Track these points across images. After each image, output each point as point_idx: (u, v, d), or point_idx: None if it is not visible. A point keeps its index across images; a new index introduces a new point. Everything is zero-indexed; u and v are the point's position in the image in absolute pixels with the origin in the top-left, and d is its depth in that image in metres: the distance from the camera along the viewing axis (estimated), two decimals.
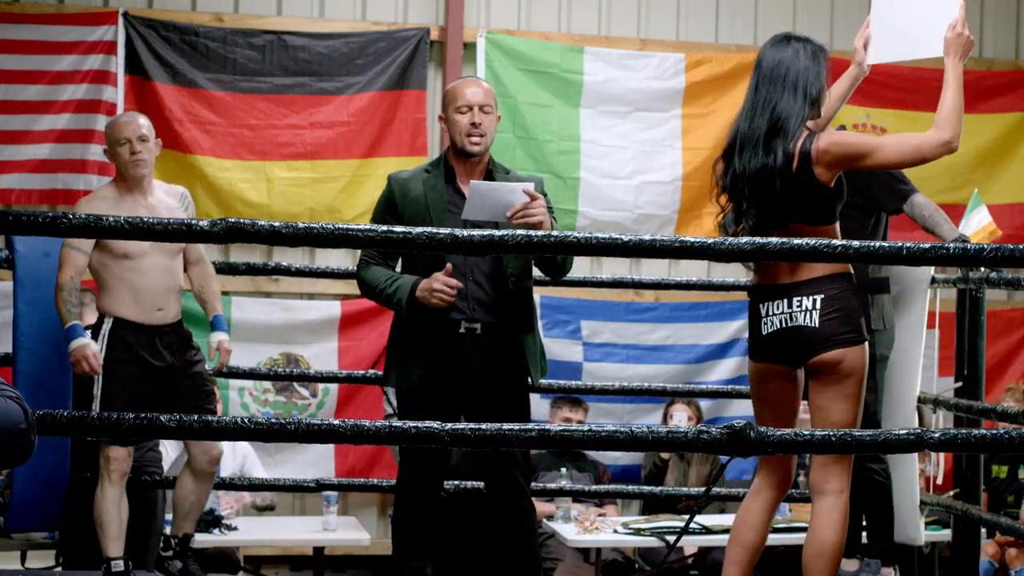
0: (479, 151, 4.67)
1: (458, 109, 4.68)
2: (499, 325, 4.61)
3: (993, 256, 3.65)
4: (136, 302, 5.14)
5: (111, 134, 5.26)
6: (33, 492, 5.43)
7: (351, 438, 3.53)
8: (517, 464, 4.66)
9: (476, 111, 4.66)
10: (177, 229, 3.72)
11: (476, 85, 4.78)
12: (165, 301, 5.18)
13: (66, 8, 7.83)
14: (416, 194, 4.66)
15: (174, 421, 3.51)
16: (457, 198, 4.65)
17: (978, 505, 5.63)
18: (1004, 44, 8.95)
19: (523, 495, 4.68)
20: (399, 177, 4.76)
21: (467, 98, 4.68)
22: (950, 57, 4.17)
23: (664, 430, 3.59)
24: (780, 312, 4.04)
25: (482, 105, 4.68)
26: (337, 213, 7.95)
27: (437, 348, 4.57)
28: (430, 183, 4.68)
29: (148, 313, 5.16)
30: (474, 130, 4.64)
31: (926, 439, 3.49)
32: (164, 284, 5.18)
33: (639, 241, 3.80)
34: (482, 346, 4.60)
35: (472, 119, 4.65)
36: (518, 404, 4.67)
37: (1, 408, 2.32)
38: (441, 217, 4.58)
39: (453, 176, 4.70)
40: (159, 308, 5.17)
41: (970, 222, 6.10)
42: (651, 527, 6.54)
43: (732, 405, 8.25)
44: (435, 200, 4.64)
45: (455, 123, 4.68)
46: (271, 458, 7.79)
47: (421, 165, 4.88)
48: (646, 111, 8.35)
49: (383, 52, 8.06)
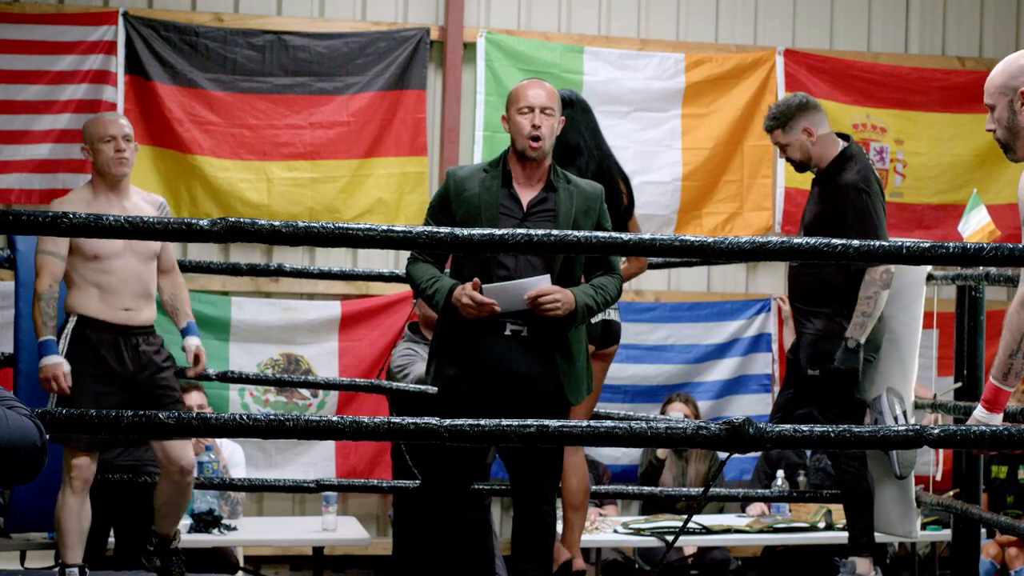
0: (537, 155, 4.61)
1: (519, 110, 4.63)
2: (546, 331, 4.55)
3: (993, 256, 3.65)
4: (102, 300, 5.09)
5: (93, 131, 5.21)
6: (33, 492, 5.43)
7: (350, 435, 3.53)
8: (546, 470, 4.63)
9: (537, 113, 4.61)
10: (177, 229, 3.72)
11: (539, 87, 4.71)
12: (133, 303, 5.12)
13: (66, 8, 7.84)
14: (471, 194, 4.61)
15: (172, 419, 3.51)
16: (511, 202, 4.61)
17: (978, 505, 5.63)
18: (1004, 44, 8.94)
19: (545, 500, 4.66)
20: (456, 174, 4.70)
21: (529, 99, 4.63)
22: None
23: (663, 426, 3.59)
24: None
25: (544, 107, 4.63)
26: (337, 213, 7.95)
27: (479, 349, 4.54)
28: (486, 184, 4.62)
29: (113, 311, 5.10)
30: (534, 131, 4.58)
31: (926, 435, 3.49)
32: (133, 287, 5.13)
33: (639, 241, 3.80)
34: (526, 350, 4.55)
35: (533, 120, 4.60)
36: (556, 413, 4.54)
37: (18, 425, 2.32)
38: (492, 220, 4.53)
39: (510, 179, 4.65)
40: (126, 308, 5.11)
41: (969, 222, 6.10)
42: (651, 527, 6.55)
43: (731, 405, 8.26)
44: (488, 202, 4.59)
45: (516, 124, 4.63)
46: (271, 458, 7.80)
47: (480, 163, 4.81)
48: (646, 111, 8.35)
49: (383, 52, 8.06)
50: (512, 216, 4.58)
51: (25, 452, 2.33)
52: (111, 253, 5.07)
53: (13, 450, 2.31)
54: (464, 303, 4.46)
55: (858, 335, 5.18)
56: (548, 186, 4.65)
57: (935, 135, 8.71)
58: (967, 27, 8.92)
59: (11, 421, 2.31)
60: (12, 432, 2.30)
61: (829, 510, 6.58)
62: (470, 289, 4.46)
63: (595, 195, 4.70)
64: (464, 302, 4.45)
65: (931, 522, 6.56)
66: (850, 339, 5.18)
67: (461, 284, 4.50)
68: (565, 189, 4.65)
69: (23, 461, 2.33)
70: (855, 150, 5.41)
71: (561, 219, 4.59)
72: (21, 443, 2.32)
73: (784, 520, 6.75)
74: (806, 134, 5.38)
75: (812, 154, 5.41)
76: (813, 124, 5.39)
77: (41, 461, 2.36)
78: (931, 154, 8.72)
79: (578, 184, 4.71)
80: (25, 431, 2.33)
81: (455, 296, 4.49)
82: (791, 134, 5.41)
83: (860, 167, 5.32)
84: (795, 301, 5.47)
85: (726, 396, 8.36)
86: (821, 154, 5.39)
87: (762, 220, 8.47)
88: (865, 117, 8.62)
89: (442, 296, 4.53)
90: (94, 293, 5.09)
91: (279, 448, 7.85)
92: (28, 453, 2.33)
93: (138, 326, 5.16)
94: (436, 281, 4.58)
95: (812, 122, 5.39)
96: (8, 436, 2.30)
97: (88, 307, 5.10)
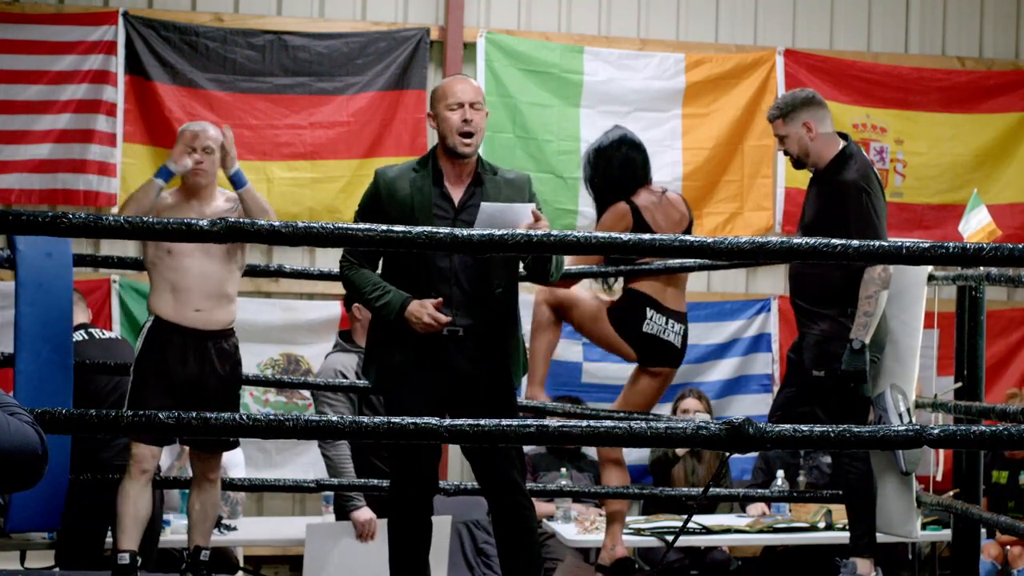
0: (470, 152, 4.62)
1: (448, 106, 4.62)
2: (482, 328, 4.59)
3: (993, 256, 3.64)
4: (175, 299, 5.16)
5: (181, 139, 5.30)
6: (33, 492, 5.40)
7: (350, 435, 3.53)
8: (511, 462, 4.63)
9: (467, 108, 4.60)
10: (177, 229, 3.71)
11: (465, 82, 4.73)
12: (204, 303, 5.17)
13: (66, 8, 7.84)
14: (403, 194, 4.60)
15: (172, 418, 3.50)
16: (443, 201, 4.61)
17: (978, 505, 5.62)
18: (1004, 44, 8.95)
19: (520, 492, 4.66)
20: (386, 175, 4.67)
21: (457, 95, 4.63)
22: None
23: (663, 426, 3.58)
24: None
25: (472, 102, 4.62)
26: (337, 213, 7.94)
27: (420, 344, 4.55)
28: (417, 184, 4.61)
29: (184, 313, 5.16)
30: (465, 126, 4.58)
31: (926, 435, 3.48)
32: (205, 286, 5.17)
33: (639, 241, 3.80)
34: (465, 348, 4.58)
35: (464, 115, 4.59)
36: (504, 403, 4.64)
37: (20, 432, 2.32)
38: (426, 220, 4.51)
39: (441, 178, 4.64)
40: (197, 308, 5.17)
41: (969, 222, 6.10)
42: (651, 527, 6.54)
43: (732, 405, 8.26)
44: (421, 202, 4.58)
45: (445, 120, 4.62)
46: (271, 458, 7.79)
47: (409, 162, 4.77)
48: (646, 111, 8.35)
49: (383, 52, 8.06)
50: (445, 215, 4.58)
51: (26, 459, 2.33)
52: (182, 249, 5.14)
53: (14, 457, 2.30)
54: (426, 322, 4.47)
55: (862, 335, 5.17)
56: (475, 180, 4.66)
57: (935, 135, 8.71)
58: (967, 27, 8.92)
59: (12, 428, 2.31)
60: (13, 439, 2.30)
61: (829, 510, 6.58)
62: (431, 308, 4.48)
63: (521, 183, 4.71)
64: (426, 321, 4.46)
65: (931, 522, 6.56)
66: (855, 340, 5.17)
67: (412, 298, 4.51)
68: (492, 181, 4.65)
69: (24, 468, 2.33)
70: (854, 149, 5.40)
71: None
72: (22, 450, 2.31)
73: (784, 520, 6.75)
74: (805, 128, 5.37)
75: (810, 150, 5.39)
76: (814, 120, 5.37)
77: (41, 468, 2.36)
78: (931, 154, 8.72)
79: (504, 174, 4.72)
80: (26, 438, 2.33)
81: (412, 311, 4.49)
82: (791, 126, 5.40)
83: (860, 166, 5.31)
84: (798, 300, 5.46)
85: (726, 396, 8.35)
86: (819, 152, 5.38)
87: (762, 220, 8.46)
88: (865, 117, 8.62)
89: (393, 310, 4.52)
90: (168, 294, 5.17)
91: (279, 448, 7.84)
92: (29, 460, 2.33)
93: (210, 330, 5.21)
94: (384, 292, 4.57)
95: (814, 118, 5.38)
96: (10, 443, 2.29)
97: (163, 308, 5.18)
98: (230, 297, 5.29)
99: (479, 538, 6.75)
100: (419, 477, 4.65)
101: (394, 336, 4.58)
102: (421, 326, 4.48)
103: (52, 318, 5.28)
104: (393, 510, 4.69)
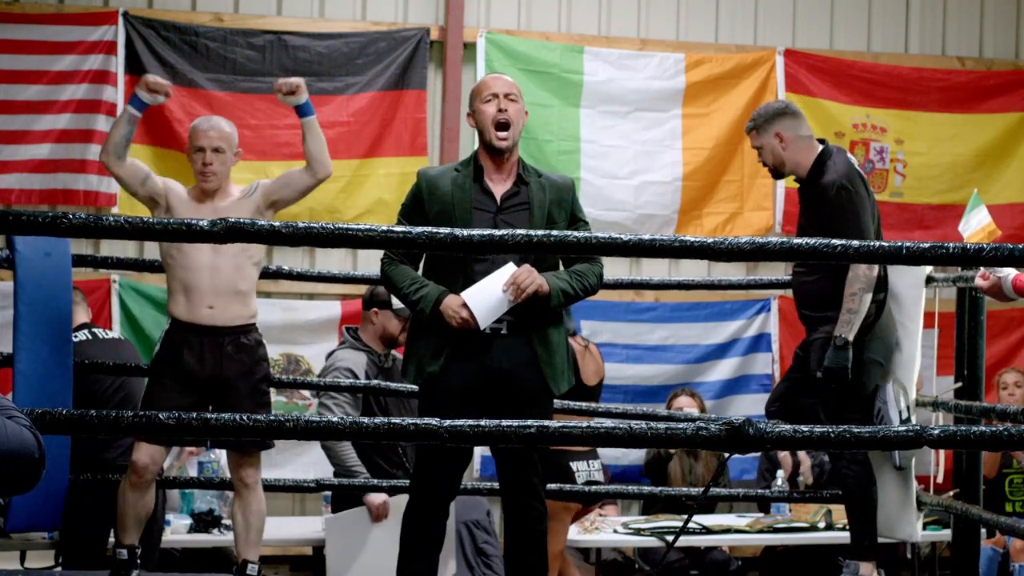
0: (507, 146, 4.62)
1: (483, 99, 4.67)
2: (522, 327, 4.56)
3: (993, 256, 3.65)
4: (187, 299, 5.13)
5: (189, 138, 5.34)
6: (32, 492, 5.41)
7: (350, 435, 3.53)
8: (533, 466, 4.63)
9: (502, 98, 4.65)
10: (177, 229, 3.71)
11: (500, 77, 4.82)
12: (215, 300, 5.12)
13: (66, 8, 7.84)
14: (443, 192, 4.61)
15: (172, 419, 3.51)
16: (484, 197, 4.62)
17: (978, 505, 5.63)
18: (1004, 44, 8.95)
19: (535, 496, 4.66)
20: (428, 174, 4.71)
21: (491, 87, 4.69)
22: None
23: (663, 427, 3.58)
24: None
25: (507, 93, 4.67)
26: (337, 213, 7.94)
27: (459, 344, 4.54)
28: (458, 181, 4.63)
29: (197, 311, 5.12)
30: (500, 115, 4.61)
31: (926, 436, 3.49)
32: (215, 283, 5.12)
33: (639, 241, 3.79)
34: (506, 347, 4.56)
35: (498, 105, 4.63)
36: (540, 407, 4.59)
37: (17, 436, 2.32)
38: (465, 216, 4.53)
39: (481, 174, 4.65)
40: (209, 306, 5.12)
41: (969, 222, 6.09)
42: (651, 527, 6.55)
43: (732, 405, 8.26)
44: (461, 199, 4.59)
45: (481, 113, 4.66)
46: (271, 458, 7.78)
47: (451, 164, 4.83)
48: (646, 111, 8.35)
49: (383, 52, 8.06)
50: (486, 210, 4.59)
51: (23, 462, 2.32)
52: (190, 247, 5.10)
53: (12, 460, 2.30)
54: (464, 316, 4.46)
55: (846, 332, 5.20)
56: (519, 180, 4.66)
57: (935, 135, 8.71)
58: (967, 27, 8.92)
59: (10, 431, 2.30)
60: (11, 442, 2.30)
61: (829, 510, 6.58)
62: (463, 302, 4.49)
63: (566, 187, 4.72)
64: (464, 315, 4.46)
65: (931, 522, 6.56)
66: (838, 337, 5.20)
67: (449, 292, 4.51)
68: (536, 182, 4.67)
69: (21, 471, 2.33)
70: (832, 150, 5.43)
71: (535, 211, 4.61)
72: (20, 453, 2.31)
73: (784, 520, 6.75)
74: (777, 139, 5.39)
75: (784, 159, 5.41)
76: (785, 129, 5.39)
77: (39, 472, 2.35)
78: (931, 154, 8.72)
79: (548, 176, 4.74)
80: (24, 441, 2.32)
81: (447, 305, 4.49)
82: (763, 137, 5.44)
83: (838, 166, 5.33)
84: (803, 310, 5.51)
85: (726, 396, 8.35)
86: (797, 160, 5.40)
87: (762, 220, 8.46)
88: (865, 117, 8.62)
89: (429, 303, 4.52)
90: (180, 295, 5.15)
91: (279, 448, 7.82)
92: (26, 463, 2.33)
93: (225, 326, 5.15)
94: (421, 287, 4.58)
95: (785, 127, 5.39)
96: (7, 446, 2.29)
97: (177, 309, 5.16)
98: (244, 293, 5.20)
99: (479, 538, 6.75)
100: (443, 478, 4.64)
101: (433, 334, 4.57)
102: (457, 320, 4.48)
103: (51, 318, 5.28)
104: (411, 508, 4.66)
